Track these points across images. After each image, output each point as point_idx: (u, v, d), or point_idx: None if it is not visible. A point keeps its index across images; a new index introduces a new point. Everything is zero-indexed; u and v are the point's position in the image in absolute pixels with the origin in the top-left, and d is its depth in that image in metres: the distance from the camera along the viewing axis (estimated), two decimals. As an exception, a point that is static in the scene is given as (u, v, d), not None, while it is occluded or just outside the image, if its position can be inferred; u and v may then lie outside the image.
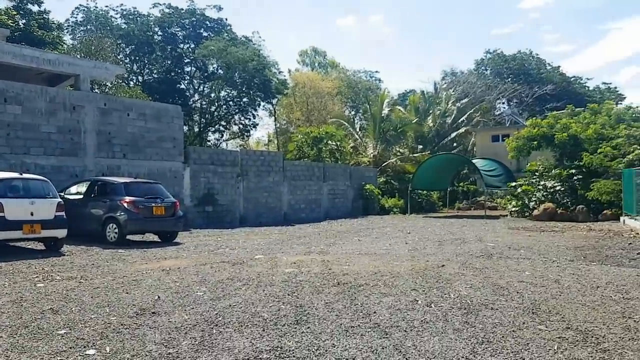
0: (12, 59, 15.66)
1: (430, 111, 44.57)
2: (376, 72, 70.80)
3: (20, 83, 15.76)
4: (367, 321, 5.77)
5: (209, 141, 45.70)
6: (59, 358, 4.53)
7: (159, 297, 6.97)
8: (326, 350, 4.79)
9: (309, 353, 4.72)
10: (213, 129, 45.84)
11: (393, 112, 39.44)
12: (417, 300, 6.78)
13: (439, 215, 29.48)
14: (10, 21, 27.67)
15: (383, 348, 4.86)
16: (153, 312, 6.14)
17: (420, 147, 40.94)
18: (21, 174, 11.96)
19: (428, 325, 5.61)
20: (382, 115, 37.24)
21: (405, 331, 5.40)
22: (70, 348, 4.79)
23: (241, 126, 46.34)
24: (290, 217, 24.28)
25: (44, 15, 32.20)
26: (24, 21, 30.51)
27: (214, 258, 10.97)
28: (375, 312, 6.14)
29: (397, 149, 37.99)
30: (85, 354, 4.63)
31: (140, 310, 6.22)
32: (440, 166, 31.93)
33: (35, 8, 31.99)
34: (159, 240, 14.36)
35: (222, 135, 47.80)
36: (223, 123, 45.75)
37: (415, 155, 37.31)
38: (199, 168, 20.42)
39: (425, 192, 33.65)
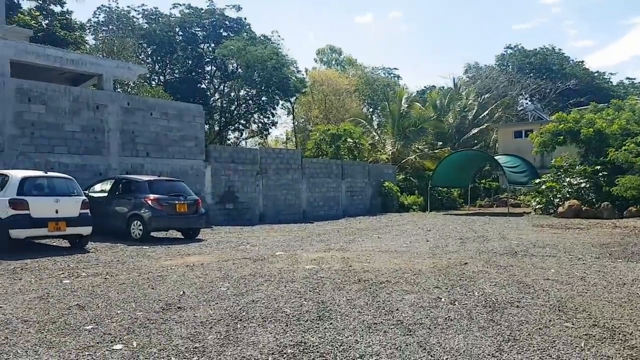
0: (35, 59, 15.90)
1: (450, 107, 44.14)
2: (395, 69, 70.34)
3: (44, 83, 16.00)
4: (389, 318, 5.75)
5: (228, 140, 45.98)
6: (86, 353, 4.60)
7: (183, 292, 7.05)
8: (349, 346, 4.79)
9: (333, 349, 4.72)
10: (233, 127, 46.11)
11: (412, 108, 39.13)
12: (441, 298, 6.74)
13: (460, 213, 29.23)
14: (33, 22, 28.11)
15: (407, 345, 4.84)
16: (179, 307, 6.22)
17: (440, 143, 40.58)
18: (46, 173, 12.10)
19: (452, 323, 5.57)
20: (401, 111, 36.99)
21: (429, 328, 5.37)
22: (98, 343, 4.87)
23: (260, 125, 46.55)
24: (309, 215, 24.31)
25: (67, 16, 32.59)
26: (46, 22, 30.92)
27: (236, 254, 11.05)
28: (397, 309, 6.12)
29: (416, 146, 37.72)
30: (113, 349, 4.70)
31: (166, 305, 6.30)
32: (461, 163, 31.63)
33: (57, 9, 32.45)
34: (182, 237, 14.52)
35: (242, 133, 48.08)
36: (242, 122, 45.97)
37: (435, 151, 37.00)
38: (219, 166, 20.57)
39: (445, 189, 33.36)
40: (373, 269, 8.96)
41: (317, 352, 4.65)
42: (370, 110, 52.24)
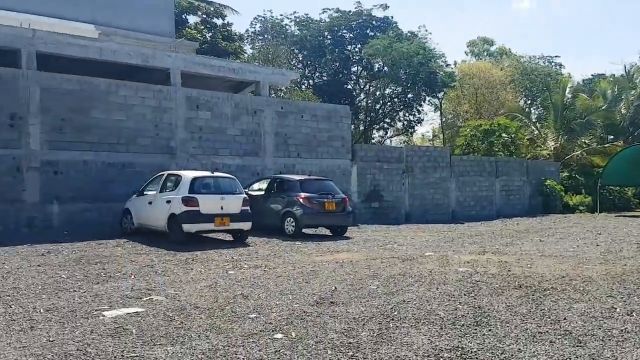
0: (202, 69, 17.54)
1: (623, 97, 39.33)
2: (556, 56, 64.13)
3: (210, 91, 17.60)
4: (556, 327, 5.27)
5: (373, 139, 46.28)
6: (251, 340, 4.90)
7: (335, 288, 7.22)
8: (512, 355, 4.47)
9: (493, 356, 4.45)
10: (377, 126, 46.32)
11: (577, 99, 35.61)
12: (615, 308, 6.03)
13: (635, 214, 25.95)
14: (198, 35, 31.21)
15: (577, 357, 4.41)
16: (331, 302, 6.38)
17: (611, 137, 36.34)
18: (212, 173, 13.34)
19: (629, 336, 4.97)
20: (565, 102, 33.88)
21: (602, 340, 4.83)
22: (261, 331, 5.17)
23: (405, 122, 46.11)
24: (458, 215, 23.45)
25: (227, 28, 35.64)
26: (210, 34, 34.11)
27: (384, 253, 11.05)
28: (565, 319, 5.59)
29: (583, 140, 34.27)
30: (274, 338, 4.95)
31: (319, 300, 6.51)
32: (637, 158, 28.00)
33: (219, 21, 35.61)
34: (330, 234, 14.91)
35: (387, 132, 48.04)
36: (387, 120, 45.96)
37: (604, 146, 33.26)
38: (365, 165, 20.82)
39: (618, 188, 29.82)
40: (535, 274, 8.32)
41: (476, 358, 4.42)
42: (528, 102, 48.76)
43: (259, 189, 15.46)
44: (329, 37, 42.45)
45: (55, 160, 14.16)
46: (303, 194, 14.06)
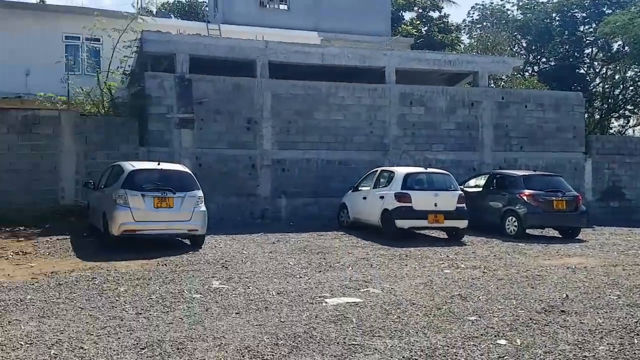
0: (416, 65, 17.44)
1: None
2: None
3: (424, 86, 17.38)
4: None
5: (610, 129, 40.65)
6: (471, 343, 4.65)
7: (567, 295, 6.50)
8: None
9: None
10: (617, 114, 40.51)
11: None
12: None
13: None
14: (414, 30, 31.39)
15: None
16: (562, 311, 5.75)
17: None
18: (426, 169, 13.19)
19: None
20: None
21: None
22: (482, 335, 4.87)
23: (654, 109, 39.41)
24: None
25: (444, 20, 35.19)
26: (425, 28, 34.07)
27: (626, 259, 9.61)
28: None
29: None
30: (497, 343, 4.63)
31: (548, 307, 5.92)
32: None
33: (435, 14, 35.27)
34: (559, 236, 13.48)
35: (628, 121, 41.69)
36: (630, 107, 39.85)
37: None
38: (601, 159, 18.40)
39: None
40: None
41: None
42: None
43: (476, 186, 14.76)
44: (557, 18, 38.74)
45: (283, 158, 15.63)
46: (527, 191, 12.97)
